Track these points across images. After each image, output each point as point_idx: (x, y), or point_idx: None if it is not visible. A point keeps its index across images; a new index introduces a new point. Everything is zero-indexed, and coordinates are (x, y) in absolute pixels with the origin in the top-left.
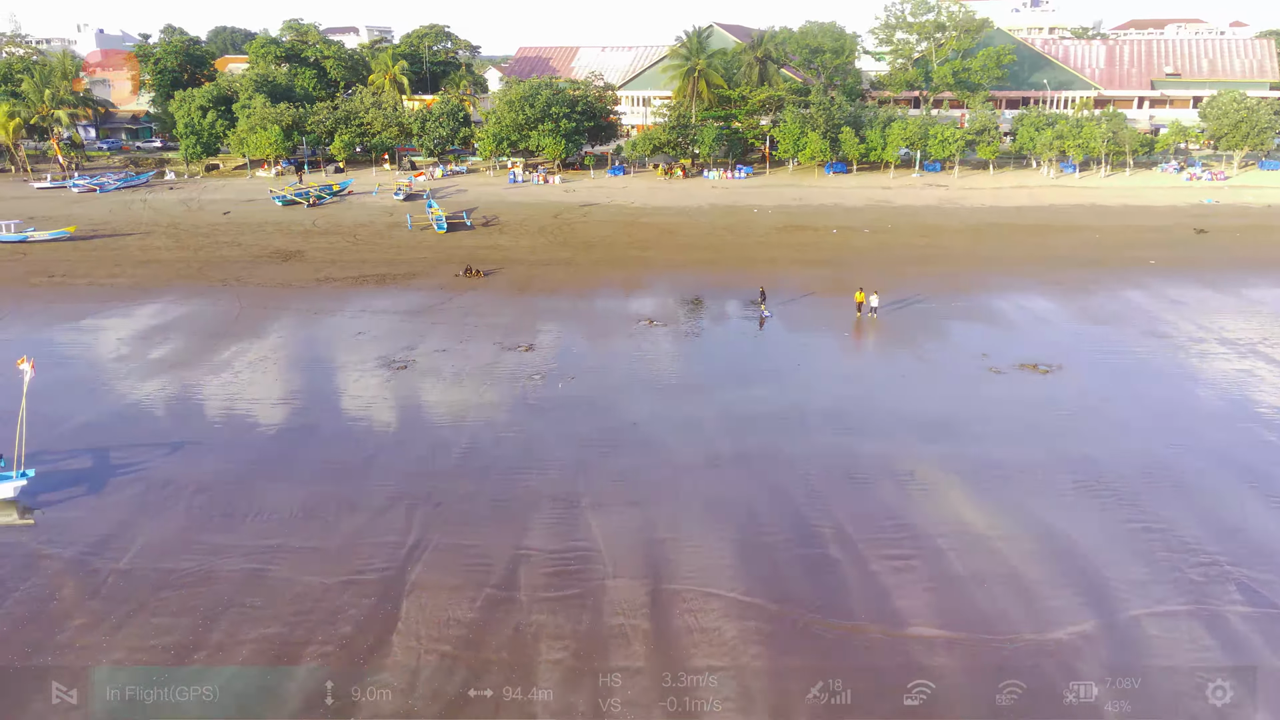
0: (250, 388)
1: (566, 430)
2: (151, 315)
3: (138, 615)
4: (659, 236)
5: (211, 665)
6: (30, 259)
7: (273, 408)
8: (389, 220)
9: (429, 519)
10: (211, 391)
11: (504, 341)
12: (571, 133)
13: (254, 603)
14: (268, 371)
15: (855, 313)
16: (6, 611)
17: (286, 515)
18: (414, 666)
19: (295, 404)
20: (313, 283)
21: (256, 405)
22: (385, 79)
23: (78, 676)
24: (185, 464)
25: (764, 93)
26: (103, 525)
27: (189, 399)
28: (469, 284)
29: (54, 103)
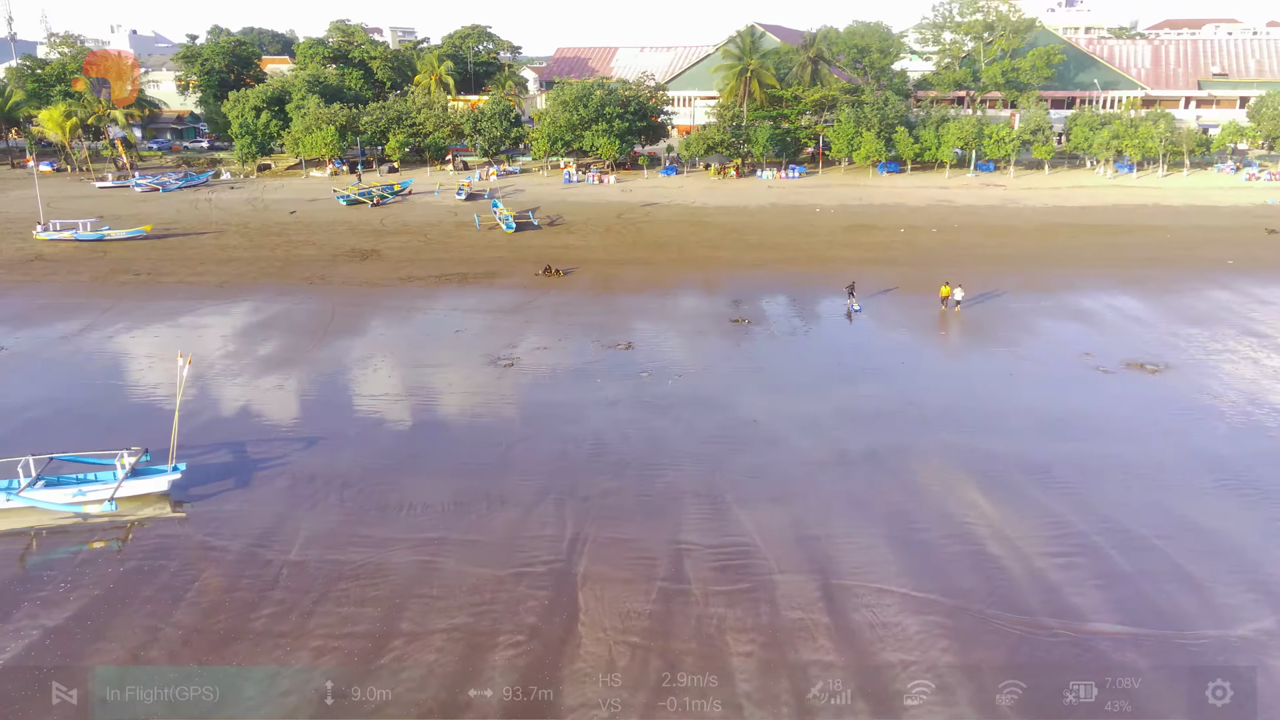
0: (365, 384)
1: (689, 427)
2: (248, 313)
3: (322, 605)
4: (727, 236)
5: (407, 655)
6: (111, 257)
7: (393, 404)
8: (455, 220)
9: (579, 514)
10: (328, 388)
11: (602, 340)
12: (624, 133)
13: (433, 593)
14: (378, 368)
15: (940, 307)
16: (193, 600)
17: (439, 509)
18: (607, 656)
19: (414, 400)
20: (397, 281)
21: (377, 401)
22: (431, 79)
23: (290, 659)
24: (323, 458)
25: (818, 92)
26: (261, 518)
27: (309, 395)
28: (550, 283)
29: (109, 103)
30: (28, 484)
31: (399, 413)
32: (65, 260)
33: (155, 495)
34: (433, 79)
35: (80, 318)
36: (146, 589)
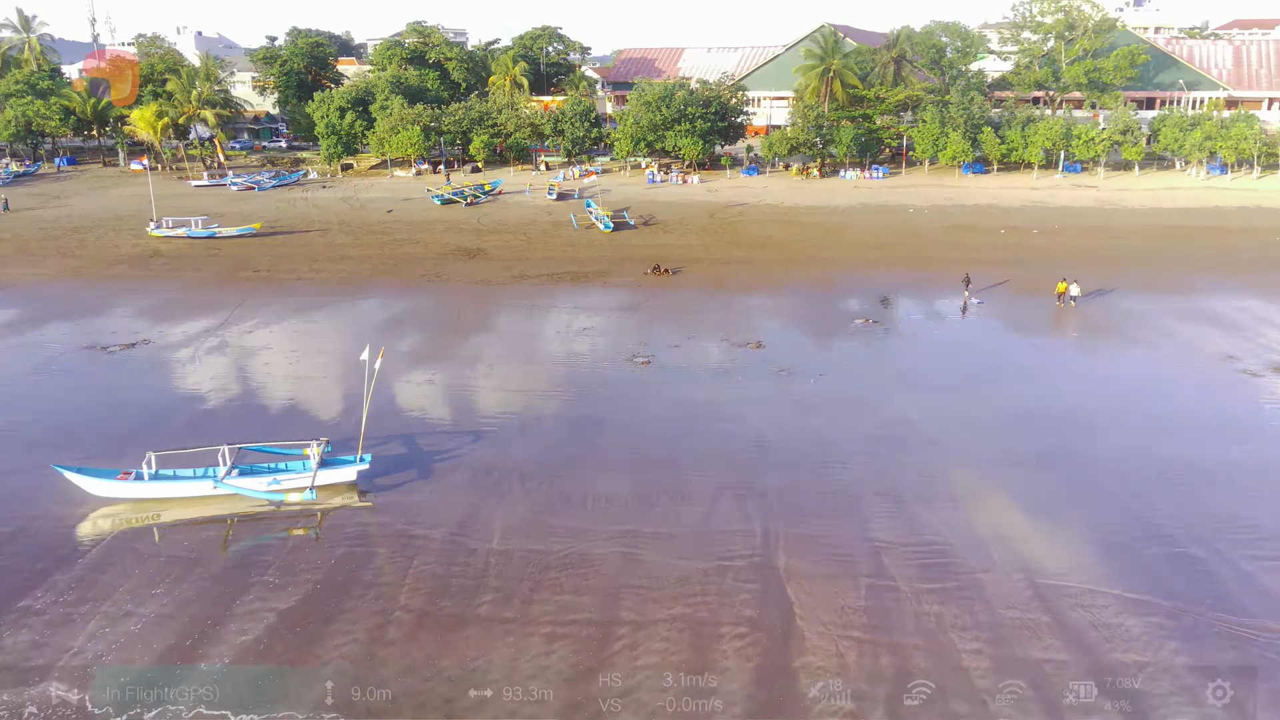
0: (511, 379)
1: (846, 426)
2: (377, 309)
3: (539, 594)
4: (827, 236)
5: (638, 644)
6: (227, 254)
7: (545, 399)
8: (550, 220)
9: (763, 510)
10: (478, 382)
11: (731, 339)
12: (706, 133)
13: (643, 584)
14: (519, 363)
15: (1057, 303)
16: (413, 586)
17: (622, 502)
18: (835, 650)
19: (565, 395)
20: (510, 280)
21: (527, 396)
22: (506, 80)
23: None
24: (494, 451)
25: (902, 92)
26: (453, 508)
27: (462, 389)
28: (661, 282)
29: (200, 103)
30: (226, 472)
31: (554, 408)
32: (183, 257)
33: (344, 485)
34: (507, 80)
35: (216, 313)
36: (364, 574)
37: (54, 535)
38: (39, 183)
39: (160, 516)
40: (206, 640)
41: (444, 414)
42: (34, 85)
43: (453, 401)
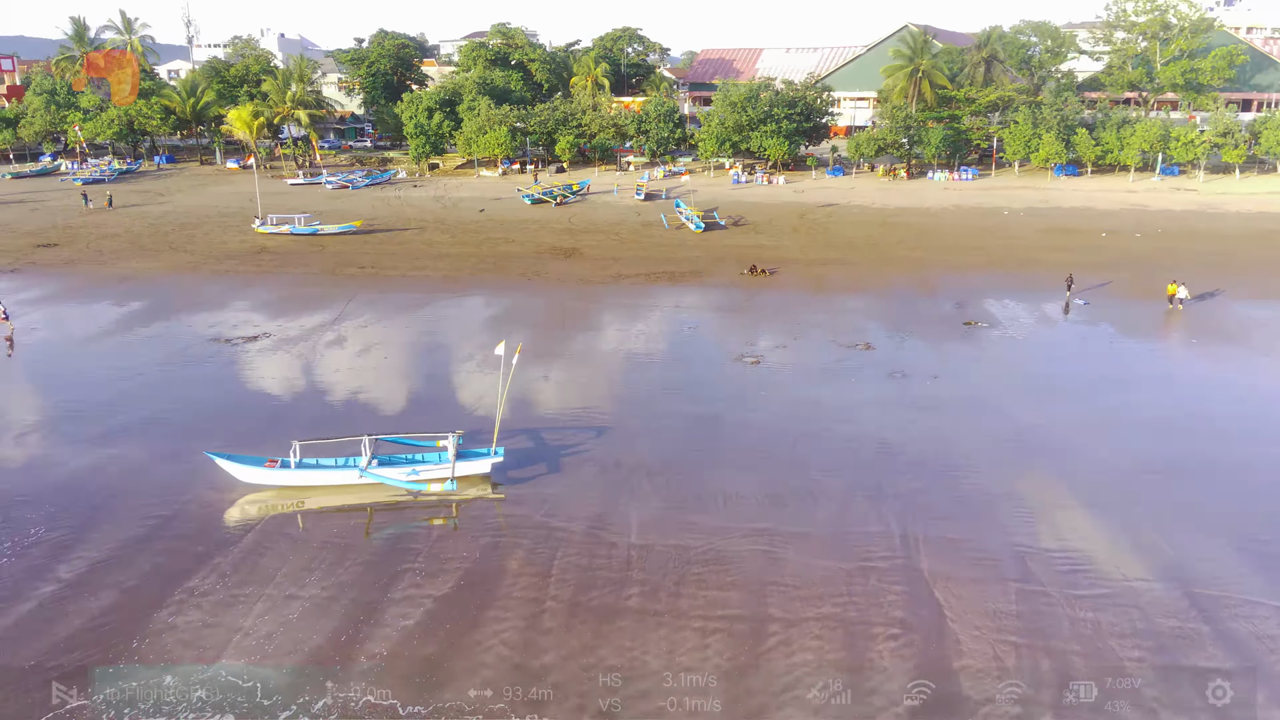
0: (625, 376)
1: (971, 430)
2: (483, 306)
3: (684, 588)
4: (922, 238)
5: (792, 640)
6: (330, 251)
7: (661, 397)
8: (639, 219)
9: (898, 512)
10: (592, 379)
11: (838, 339)
12: (792, 134)
13: (787, 582)
14: (631, 361)
15: (1167, 306)
16: (560, 576)
17: (753, 501)
18: (993, 654)
19: (679, 394)
20: (609, 279)
21: (643, 393)
22: (588, 80)
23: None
24: (618, 447)
25: (993, 93)
26: (587, 502)
27: (577, 386)
28: (759, 282)
29: (293, 103)
30: (367, 462)
31: (670, 405)
32: (289, 253)
33: (478, 477)
34: (589, 80)
35: (329, 308)
36: (511, 564)
37: (207, 519)
38: (141, 180)
39: (304, 504)
40: (371, 624)
41: (563, 410)
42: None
43: (570, 397)
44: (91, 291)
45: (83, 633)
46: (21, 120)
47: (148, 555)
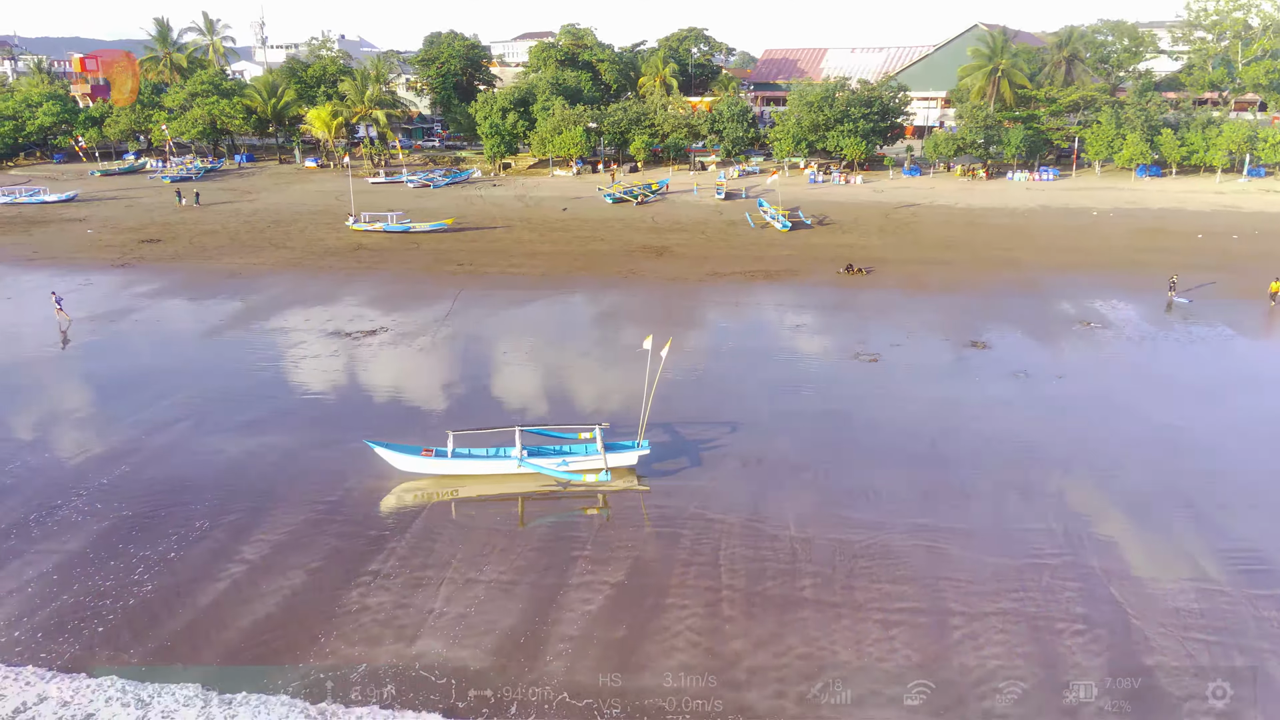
0: (746, 372)
1: (1109, 430)
2: (586, 304)
3: (856, 581)
4: (1013, 238)
5: (979, 634)
6: (425, 249)
7: (786, 393)
8: (722, 219)
9: (1054, 509)
10: (714, 374)
11: (950, 338)
12: (868, 133)
13: (959, 577)
14: (746, 357)
15: (1269, 303)
16: (729, 566)
17: (905, 497)
18: (1183, 650)
19: (804, 390)
20: (706, 277)
21: (768, 389)
22: (656, 81)
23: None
24: (755, 442)
25: (1075, 93)
26: (738, 495)
27: (699, 381)
28: (857, 281)
29: (371, 103)
30: (519, 452)
31: (797, 402)
32: (385, 250)
33: (624, 468)
34: (657, 80)
35: (437, 303)
36: (678, 553)
37: (371, 505)
38: (225, 178)
39: (458, 492)
40: (556, 607)
41: (690, 405)
42: (218, 85)
43: (695, 393)
44: (204, 286)
45: (283, 611)
46: (107, 119)
47: (324, 539)
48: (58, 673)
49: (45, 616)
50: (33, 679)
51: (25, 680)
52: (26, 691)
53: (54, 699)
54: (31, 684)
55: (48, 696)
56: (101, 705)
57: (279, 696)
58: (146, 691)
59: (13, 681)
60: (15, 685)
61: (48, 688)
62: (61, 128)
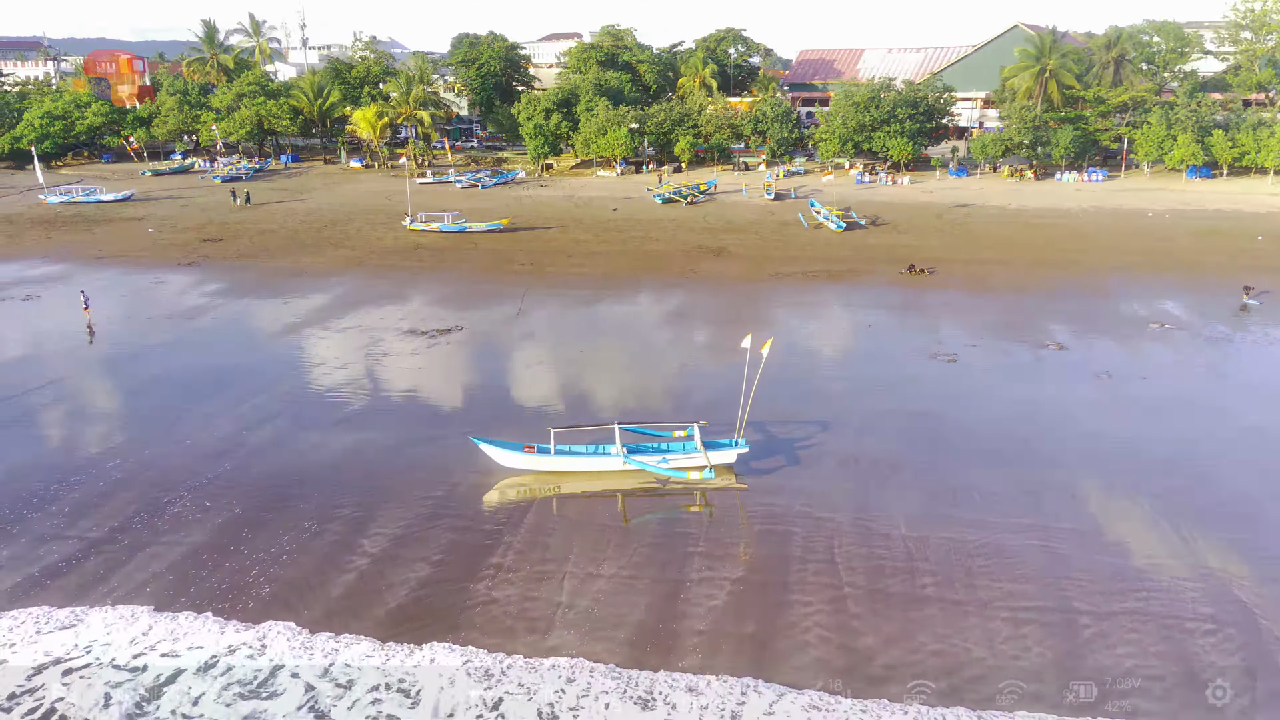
0: (826, 371)
1: (1204, 432)
2: (654, 303)
3: (976, 579)
4: (1070, 239)
5: (1110, 634)
6: (483, 249)
7: (871, 393)
8: (775, 219)
9: (1164, 510)
10: (795, 373)
11: (1025, 339)
12: (915, 134)
13: (1078, 577)
14: (824, 357)
15: None
16: (845, 563)
17: (1010, 497)
18: None
19: (888, 390)
20: (769, 277)
21: (851, 388)
22: (695, 81)
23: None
24: (848, 441)
25: (1125, 93)
26: (840, 494)
27: (783, 381)
28: (920, 281)
29: (415, 104)
30: (619, 449)
31: (884, 402)
32: (444, 250)
33: (722, 466)
34: (696, 81)
35: (507, 302)
36: (792, 550)
37: (479, 500)
38: (274, 178)
39: (560, 488)
40: (681, 602)
41: (778, 404)
42: (264, 86)
43: (781, 392)
44: (273, 285)
45: (414, 603)
46: (155, 119)
47: (440, 532)
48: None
49: (183, 605)
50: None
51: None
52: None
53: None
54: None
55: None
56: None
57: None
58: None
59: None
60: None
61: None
62: (110, 128)
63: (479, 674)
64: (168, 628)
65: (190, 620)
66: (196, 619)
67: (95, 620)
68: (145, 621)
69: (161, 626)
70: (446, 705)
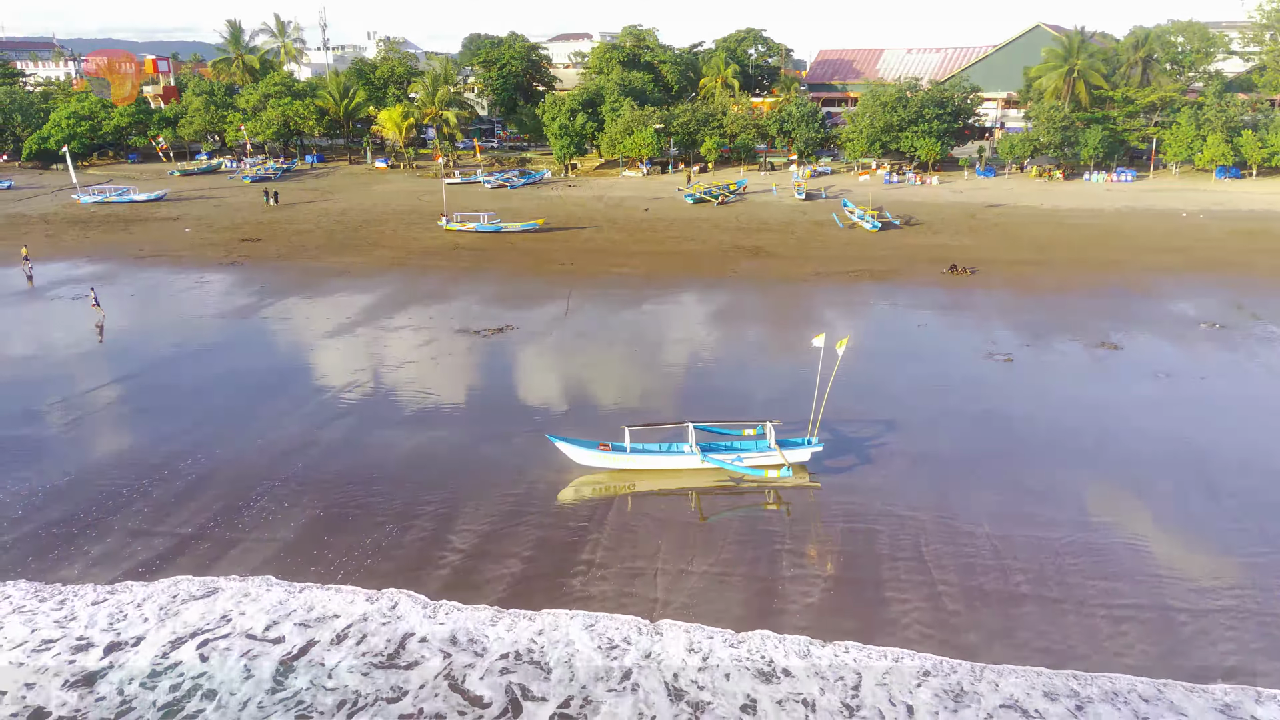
0: (885, 371)
1: (1268, 431)
2: (698, 303)
3: (1069, 577)
4: (1107, 239)
5: (1210, 630)
6: (521, 249)
7: (935, 392)
8: (807, 219)
9: (1246, 509)
10: (854, 373)
11: (1079, 339)
12: (942, 134)
13: (1171, 574)
14: (880, 357)
15: None
16: (934, 561)
17: (1087, 496)
18: None
19: (950, 390)
20: (812, 276)
21: (913, 387)
22: (717, 82)
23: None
24: (918, 441)
25: (1154, 93)
26: (919, 493)
27: (843, 380)
28: (962, 281)
29: (441, 104)
30: (692, 448)
31: (947, 401)
32: (482, 250)
33: (796, 465)
34: (718, 81)
35: (553, 302)
36: (878, 548)
37: (556, 497)
38: (301, 179)
39: (635, 486)
40: (779, 599)
41: (842, 403)
42: (290, 86)
43: (843, 391)
44: (317, 285)
45: (514, 597)
46: (181, 119)
47: (526, 529)
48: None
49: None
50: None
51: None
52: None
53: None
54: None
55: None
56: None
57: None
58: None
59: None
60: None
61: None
62: (136, 128)
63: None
64: (303, 599)
65: (319, 590)
66: (323, 589)
67: (227, 590)
68: (278, 593)
69: (296, 598)
70: (581, 672)
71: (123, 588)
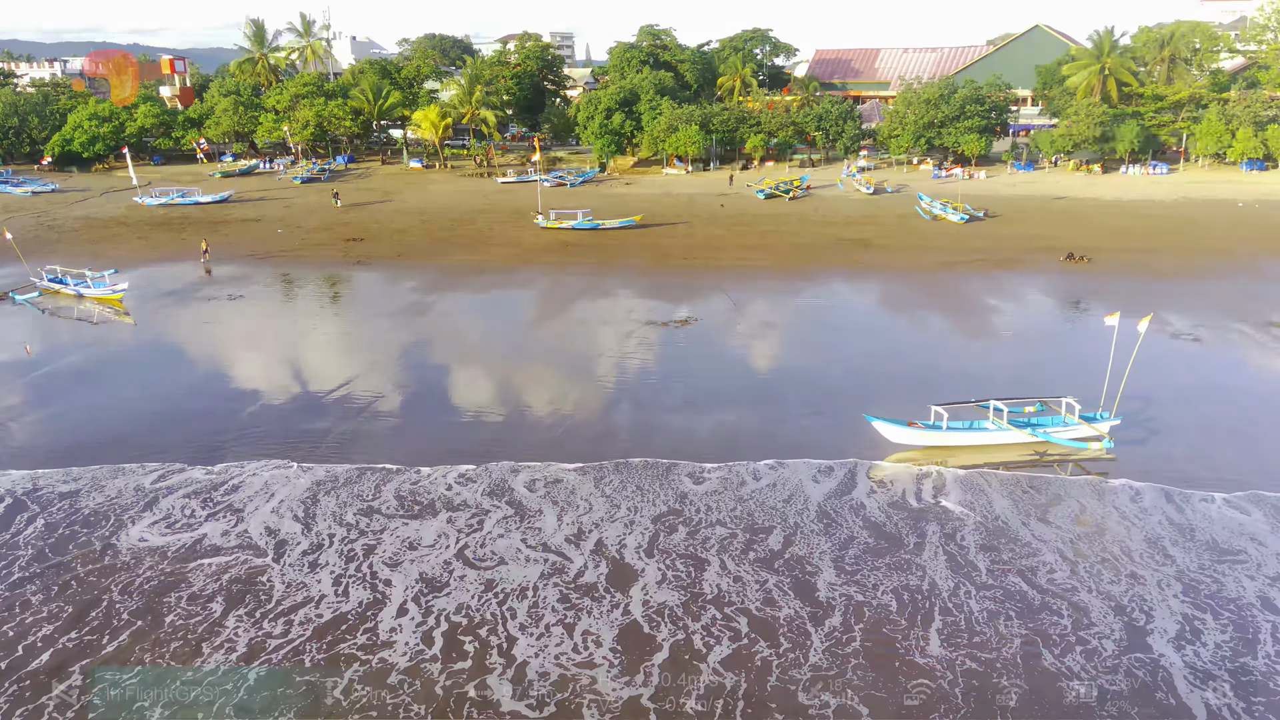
0: (1093, 351)
1: None
2: (855, 292)
3: None
4: (1187, 228)
5: None
6: (630, 245)
7: (1150, 370)
8: (886, 212)
9: None
10: (1059, 353)
11: (1245, 320)
12: (983, 129)
13: None
14: (1076, 339)
15: None
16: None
17: None
18: None
19: (1159, 365)
20: (939, 265)
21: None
22: (735, 80)
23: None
24: (1180, 414)
25: (1183, 90)
26: (1225, 463)
27: (1057, 359)
28: (1082, 268)
29: (478, 104)
30: (1014, 422)
31: (1174, 377)
32: (592, 246)
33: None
34: (736, 80)
35: (708, 295)
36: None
37: (888, 480)
38: (344, 180)
39: (947, 461)
40: None
41: (1074, 380)
42: (320, 86)
43: (1064, 370)
44: (465, 281)
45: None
46: (207, 120)
47: (858, 515)
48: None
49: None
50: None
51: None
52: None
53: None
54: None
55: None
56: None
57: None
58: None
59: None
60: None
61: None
62: (159, 129)
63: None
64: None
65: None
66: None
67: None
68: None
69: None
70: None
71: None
